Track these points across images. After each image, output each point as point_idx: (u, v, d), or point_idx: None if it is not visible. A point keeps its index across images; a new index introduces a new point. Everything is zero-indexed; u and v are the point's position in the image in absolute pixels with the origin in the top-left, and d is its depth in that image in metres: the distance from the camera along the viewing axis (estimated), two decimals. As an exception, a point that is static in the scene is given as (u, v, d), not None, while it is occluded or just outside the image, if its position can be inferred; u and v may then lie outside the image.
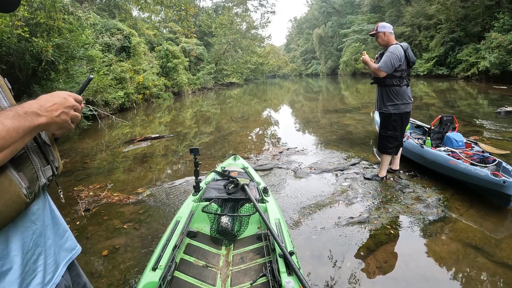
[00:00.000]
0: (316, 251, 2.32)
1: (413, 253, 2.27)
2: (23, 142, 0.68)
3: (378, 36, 3.35)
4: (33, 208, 0.79)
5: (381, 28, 3.32)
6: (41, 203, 0.83)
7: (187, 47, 23.45)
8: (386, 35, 3.30)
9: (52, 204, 0.91)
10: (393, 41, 3.32)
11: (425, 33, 24.18)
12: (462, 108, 8.64)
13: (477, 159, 3.17)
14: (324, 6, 51.99)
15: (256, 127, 8.13)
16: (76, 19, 8.28)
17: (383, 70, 3.18)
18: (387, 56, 3.18)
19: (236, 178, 2.31)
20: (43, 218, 0.83)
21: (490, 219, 2.63)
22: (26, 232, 0.76)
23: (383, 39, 3.32)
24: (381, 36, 3.32)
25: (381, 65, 3.18)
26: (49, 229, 0.86)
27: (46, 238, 0.84)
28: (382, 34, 3.31)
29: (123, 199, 3.49)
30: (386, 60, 3.16)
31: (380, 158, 3.77)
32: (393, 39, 3.34)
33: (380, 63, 3.21)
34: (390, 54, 3.16)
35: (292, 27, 77.69)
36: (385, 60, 3.17)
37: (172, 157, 5.41)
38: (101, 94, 10.45)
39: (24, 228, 0.76)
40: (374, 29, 3.39)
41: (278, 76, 61.97)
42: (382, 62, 3.18)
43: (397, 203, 2.98)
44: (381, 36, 3.32)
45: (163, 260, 1.49)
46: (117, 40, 14.16)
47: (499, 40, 14.82)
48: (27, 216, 0.77)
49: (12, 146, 0.66)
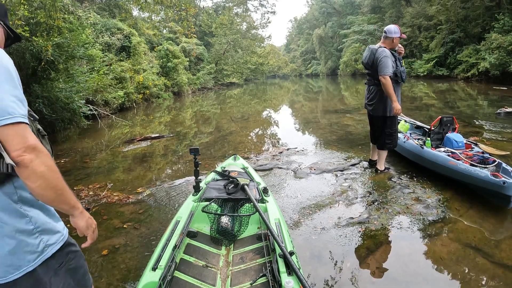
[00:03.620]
0: (316, 251, 2.32)
1: (413, 253, 2.27)
2: (60, 207, 0.98)
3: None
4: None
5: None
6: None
7: (187, 47, 23.46)
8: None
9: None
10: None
11: (425, 33, 24.19)
12: (462, 109, 8.64)
13: (477, 160, 3.17)
14: (324, 6, 51.98)
15: (256, 127, 8.13)
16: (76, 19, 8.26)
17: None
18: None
19: (236, 178, 2.32)
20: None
21: (489, 220, 2.63)
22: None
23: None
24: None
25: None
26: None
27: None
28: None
29: (123, 198, 3.49)
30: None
31: (378, 155, 3.84)
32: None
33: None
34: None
35: (292, 27, 77.72)
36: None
37: (172, 157, 5.41)
38: (101, 93, 10.45)
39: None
40: (399, 32, 3.50)
41: (278, 76, 61.99)
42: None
43: (397, 204, 2.99)
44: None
45: (163, 260, 1.49)
46: (117, 40, 14.16)
47: (499, 41, 14.82)
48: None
49: (55, 203, 0.96)
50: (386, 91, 3.39)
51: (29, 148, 0.86)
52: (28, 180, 0.87)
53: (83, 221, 1.03)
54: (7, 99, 0.84)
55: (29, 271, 0.96)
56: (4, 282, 0.95)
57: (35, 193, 0.91)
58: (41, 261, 0.99)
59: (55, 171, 0.91)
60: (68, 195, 0.97)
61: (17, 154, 0.84)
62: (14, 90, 0.87)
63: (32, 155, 0.86)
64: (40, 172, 0.87)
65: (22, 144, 0.85)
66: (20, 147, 0.84)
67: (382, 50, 3.39)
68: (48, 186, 0.89)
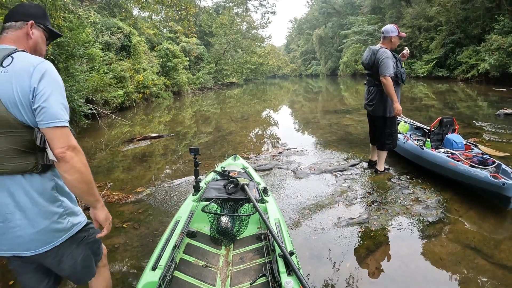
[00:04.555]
0: (316, 252, 2.32)
1: (413, 254, 2.27)
2: (87, 198, 1.17)
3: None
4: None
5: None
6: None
7: (187, 46, 23.43)
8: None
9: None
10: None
11: (425, 34, 24.19)
12: (462, 110, 8.65)
13: (476, 161, 3.18)
14: (325, 6, 51.97)
15: (256, 127, 8.13)
16: (77, 18, 8.26)
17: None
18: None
19: (236, 178, 2.31)
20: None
21: (489, 220, 2.64)
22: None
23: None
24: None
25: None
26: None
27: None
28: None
29: (123, 198, 3.49)
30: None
31: (378, 155, 3.84)
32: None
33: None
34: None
35: (292, 27, 77.74)
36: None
37: (172, 156, 5.40)
38: (101, 93, 10.43)
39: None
40: (397, 31, 3.51)
41: (278, 76, 62.01)
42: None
43: (396, 204, 2.99)
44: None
45: (162, 260, 1.49)
46: (117, 39, 14.15)
47: (499, 42, 14.83)
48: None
49: (85, 195, 1.15)
50: (387, 92, 3.39)
51: (71, 147, 1.06)
52: (67, 174, 1.07)
53: (103, 213, 1.22)
54: (57, 107, 1.05)
55: (56, 245, 1.18)
56: (35, 254, 1.16)
57: (71, 185, 1.11)
58: (67, 237, 1.21)
59: (88, 168, 1.12)
60: (95, 190, 1.17)
61: (60, 151, 1.04)
62: (62, 99, 1.08)
63: (73, 153, 1.06)
64: (78, 168, 1.07)
65: (65, 143, 1.05)
66: (64, 145, 1.05)
67: (383, 50, 3.39)
68: (82, 180, 1.09)
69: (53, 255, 1.20)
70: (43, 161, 1.08)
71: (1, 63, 1.02)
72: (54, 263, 1.22)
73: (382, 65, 3.33)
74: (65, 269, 1.25)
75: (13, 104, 1.01)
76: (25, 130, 1.04)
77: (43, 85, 1.03)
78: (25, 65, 1.03)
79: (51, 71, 1.06)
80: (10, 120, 1.01)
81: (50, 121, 1.03)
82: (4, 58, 1.03)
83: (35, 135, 1.05)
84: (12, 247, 1.13)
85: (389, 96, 3.41)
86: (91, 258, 1.34)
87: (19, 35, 1.15)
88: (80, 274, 1.31)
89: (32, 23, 1.17)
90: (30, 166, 1.07)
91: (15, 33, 1.15)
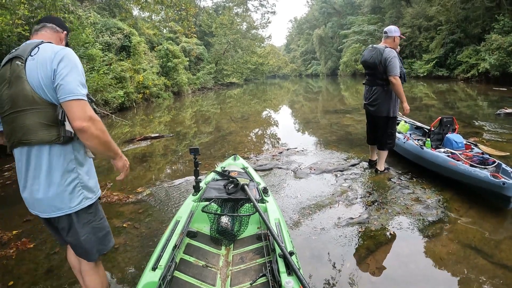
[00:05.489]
0: (316, 252, 2.32)
1: (413, 254, 2.27)
2: (107, 154, 1.36)
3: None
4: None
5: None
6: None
7: (187, 46, 23.45)
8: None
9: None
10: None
11: (425, 34, 24.18)
12: (462, 110, 8.65)
13: (476, 160, 3.17)
14: (325, 6, 51.96)
15: (256, 127, 8.13)
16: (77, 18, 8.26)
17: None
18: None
19: (236, 178, 2.31)
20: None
21: (489, 220, 2.63)
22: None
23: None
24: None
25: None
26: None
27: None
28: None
29: (123, 198, 3.49)
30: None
31: (379, 155, 3.84)
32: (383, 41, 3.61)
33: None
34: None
35: (292, 27, 77.71)
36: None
37: (172, 156, 5.40)
38: (101, 93, 10.44)
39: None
40: (399, 32, 3.54)
41: (278, 76, 61.99)
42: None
43: (396, 204, 2.99)
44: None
45: (163, 260, 1.49)
46: (117, 39, 14.15)
47: (499, 42, 14.83)
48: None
49: (105, 153, 1.34)
50: (397, 92, 3.38)
51: (87, 118, 1.21)
52: (87, 141, 1.24)
53: (121, 162, 1.43)
54: (74, 83, 1.21)
55: (67, 213, 1.33)
56: (48, 217, 1.34)
57: (92, 148, 1.30)
58: (78, 209, 1.34)
59: (105, 132, 1.27)
60: (113, 146, 1.35)
61: (79, 123, 1.19)
62: (79, 77, 1.25)
63: (89, 123, 1.21)
64: (96, 135, 1.23)
65: (82, 114, 1.20)
66: (81, 116, 1.20)
67: (390, 50, 3.37)
68: (100, 143, 1.27)
69: (63, 222, 1.36)
70: (64, 133, 1.25)
71: (30, 53, 1.24)
72: (64, 231, 1.39)
73: (390, 65, 3.30)
74: (69, 241, 1.43)
75: (38, 86, 1.21)
76: (49, 107, 1.23)
77: (61, 66, 1.21)
78: (48, 53, 1.23)
79: (70, 55, 1.26)
80: (36, 99, 1.21)
81: (67, 95, 1.19)
82: (33, 49, 1.25)
83: (57, 111, 1.22)
84: (34, 207, 1.34)
85: (399, 96, 3.41)
86: (93, 243, 1.44)
87: (55, 37, 1.42)
88: (79, 251, 1.46)
89: (66, 33, 1.50)
90: (53, 137, 1.24)
91: (51, 34, 1.41)
